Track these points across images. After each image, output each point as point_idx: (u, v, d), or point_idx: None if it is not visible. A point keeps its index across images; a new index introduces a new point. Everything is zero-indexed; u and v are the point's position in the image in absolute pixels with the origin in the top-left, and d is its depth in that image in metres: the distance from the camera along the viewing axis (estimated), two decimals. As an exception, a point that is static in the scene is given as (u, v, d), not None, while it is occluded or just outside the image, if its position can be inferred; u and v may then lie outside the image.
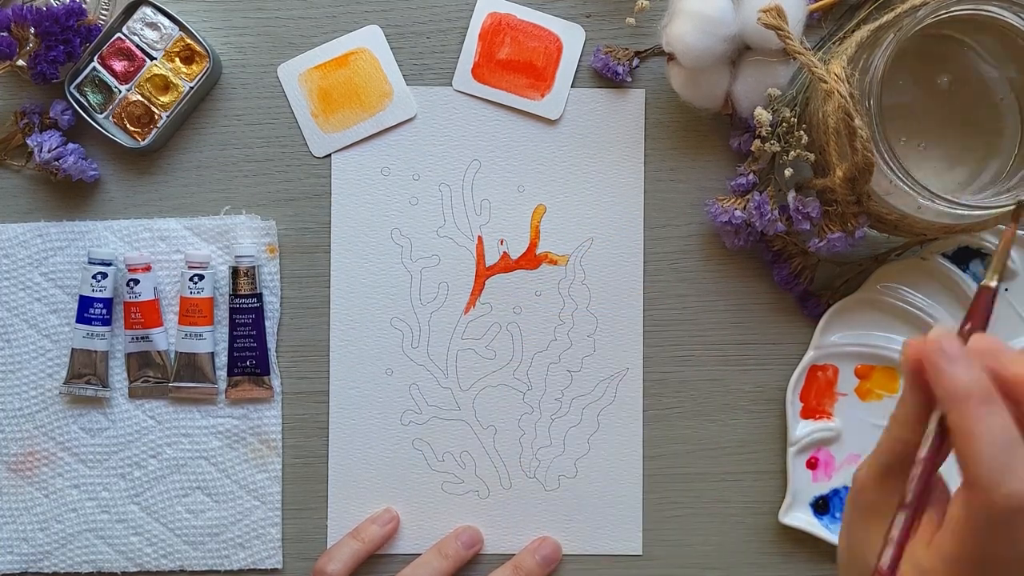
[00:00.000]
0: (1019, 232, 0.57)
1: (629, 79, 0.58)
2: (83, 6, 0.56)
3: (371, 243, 0.59)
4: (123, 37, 0.57)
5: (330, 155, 0.59)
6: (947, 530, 0.36)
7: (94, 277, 0.57)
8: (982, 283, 0.38)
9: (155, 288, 0.58)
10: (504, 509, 0.59)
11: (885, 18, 0.51)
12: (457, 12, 0.58)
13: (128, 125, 0.57)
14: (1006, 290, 0.57)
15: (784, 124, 0.54)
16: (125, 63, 0.57)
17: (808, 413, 0.58)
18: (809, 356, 0.57)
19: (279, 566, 0.58)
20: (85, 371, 0.57)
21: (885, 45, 0.48)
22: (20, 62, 0.55)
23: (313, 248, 0.59)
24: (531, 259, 0.59)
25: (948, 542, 0.36)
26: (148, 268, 0.58)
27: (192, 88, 0.57)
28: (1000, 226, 0.55)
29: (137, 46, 0.57)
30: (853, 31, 0.55)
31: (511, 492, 0.59)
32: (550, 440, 0.59)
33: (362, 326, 0.59)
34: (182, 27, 0.57)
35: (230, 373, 0.58)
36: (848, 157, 0.50)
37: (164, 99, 0.57)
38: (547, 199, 0.59)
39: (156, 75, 0.57)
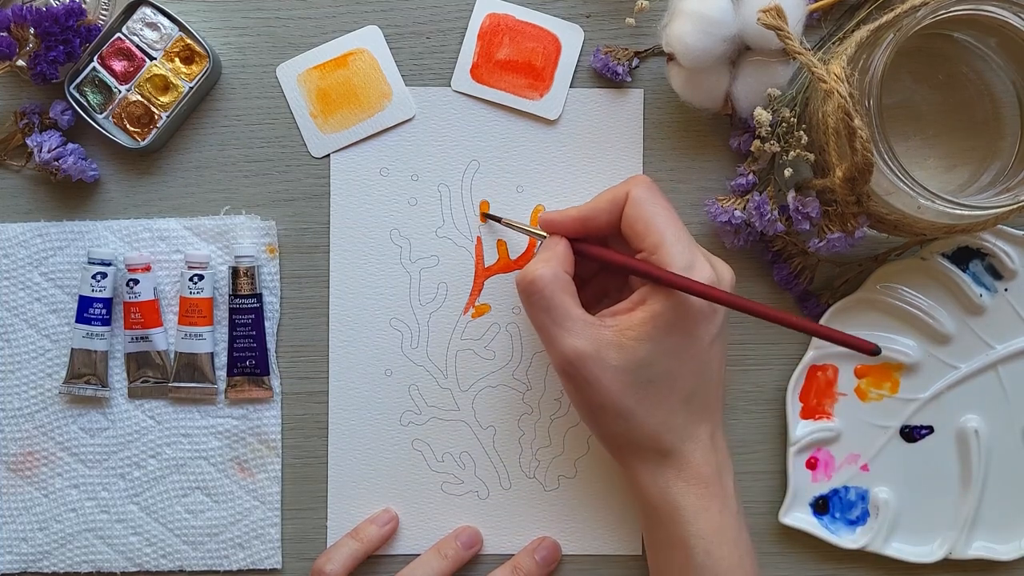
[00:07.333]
0: (1019, 232, 0.57)
1: (629, 79, 0.58)
2: (83, 6, 0.56)
3: (370, 243, 0.58)
4: (123, 37, 0.57)
5: (329, 155, 0.59)
6: None
7: (94, 277, 0.57)
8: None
9: (155, 288, 0.58)
10: (504, 509, 0.59)
11: (885, 18, 0.50)
12: (456, 12, 0.58)
13: (128, 125, 0.57)
14: (1006, 290, 0.57)
15: (784, 124, 0.54)
16: (125, 63, 0.57)
17: (808, 413, 0.58)
18: (809, 356, 0.57)
19: (278, 566, 0.58)
20: (85, 371, 0.57)
21: (885, 45, 0.48)
22: (20, 62, 0.55)
23: (312, 248, 0.59)
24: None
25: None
26: (148, 268, 0.58)
27: (192, 88, 0.57)
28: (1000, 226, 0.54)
29: (137, 46, 0.57)
30: (853, 31, 0.55)
31: (511, 492, 0.59)
32: (550, 440, 0.59)
33: (361, 326, 0.58)
34: (182, 27, 0.57)
35: (230, 373, 0.58)
36: (848, 157, 0.50)
37: (164, 99, 0.57)
38: (546, 199, 0.59)
39: (156, 75, 0.57)
